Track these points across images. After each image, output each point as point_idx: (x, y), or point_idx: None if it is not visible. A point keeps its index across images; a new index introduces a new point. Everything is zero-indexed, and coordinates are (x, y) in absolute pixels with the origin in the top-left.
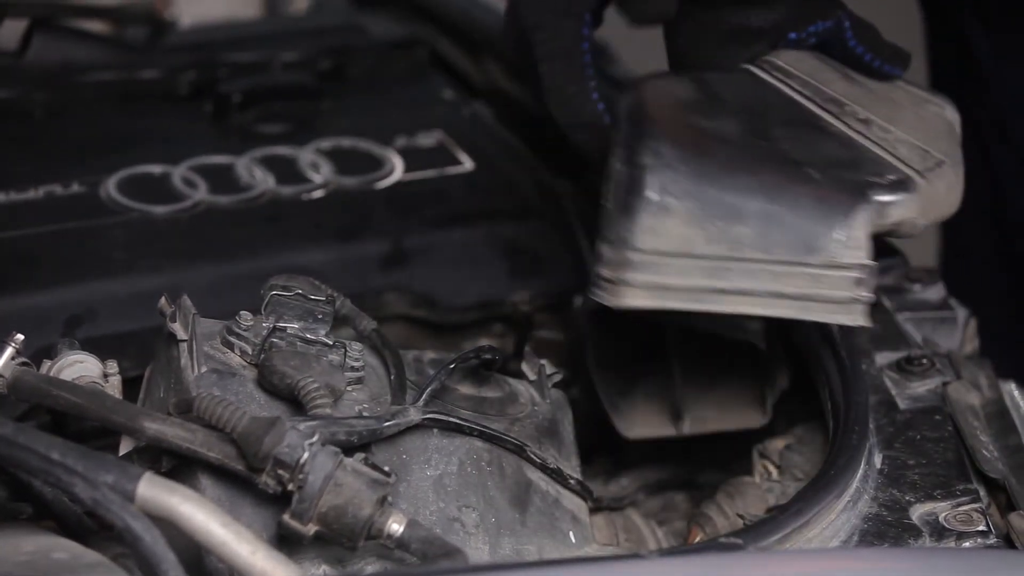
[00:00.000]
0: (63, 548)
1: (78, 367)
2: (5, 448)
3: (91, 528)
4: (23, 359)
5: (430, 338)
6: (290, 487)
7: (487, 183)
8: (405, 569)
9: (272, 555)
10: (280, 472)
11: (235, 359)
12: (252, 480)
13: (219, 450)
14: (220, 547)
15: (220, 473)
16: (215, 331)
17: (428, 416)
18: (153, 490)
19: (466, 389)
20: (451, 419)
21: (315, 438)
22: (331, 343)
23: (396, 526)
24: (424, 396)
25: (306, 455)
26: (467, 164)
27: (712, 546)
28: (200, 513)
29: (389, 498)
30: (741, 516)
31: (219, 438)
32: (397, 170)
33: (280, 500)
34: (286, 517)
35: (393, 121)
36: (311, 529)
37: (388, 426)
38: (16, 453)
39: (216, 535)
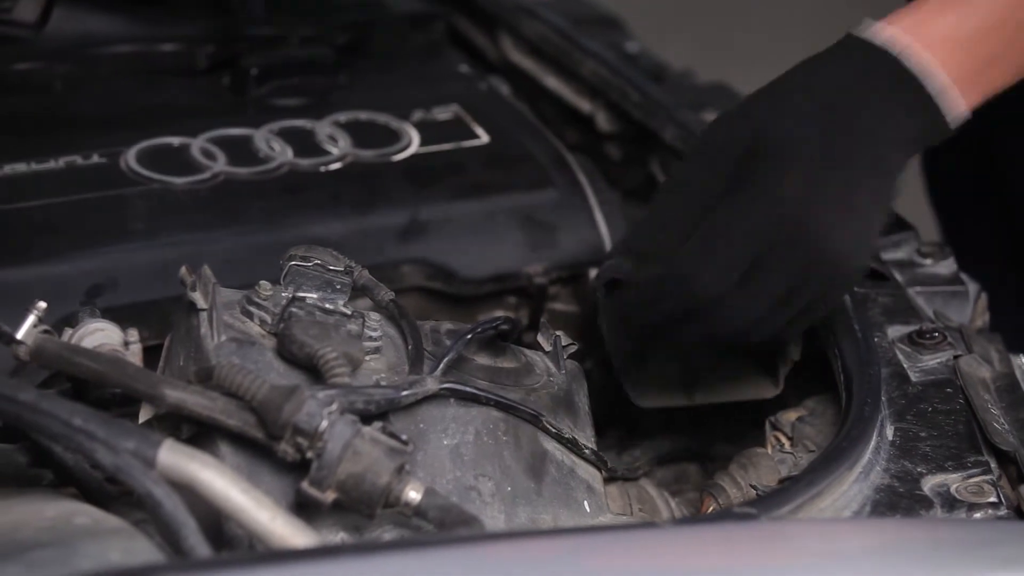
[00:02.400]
0: (85, 513)
1: (99, 335)
2: (28, 414)
3: (112, 494)
4: (45, 327)
5: (446, 309)
6: (309, 455)
7: (503, 156)
8: (422, 536)
9: (291, 521)
10: (299, 440)
11: (254, 328)
12: (271, 448)
13: (239, 418)
14: (239, 513)
15: (240, 441)
16: (234, 301)
17: (445, 386)
18: (174, 456)
19: (482, 360)
20: (468, 388)
21: (334, 406)
22: (349, 313)
23: (414, 494)
24: (441, 366)
25: (325, 423)
26: (483, 137)
27: (726, 516)
28: (220, 479)
29: (407, 466)
30: (754, 487)
31: (239, 406)
32: (414, 143)
33: (299, 468)
34: (305, 484)
35: (410, 95)
36: (329, 496)
37: (406, 395)
38: (38, 419)
39: (235, 501)
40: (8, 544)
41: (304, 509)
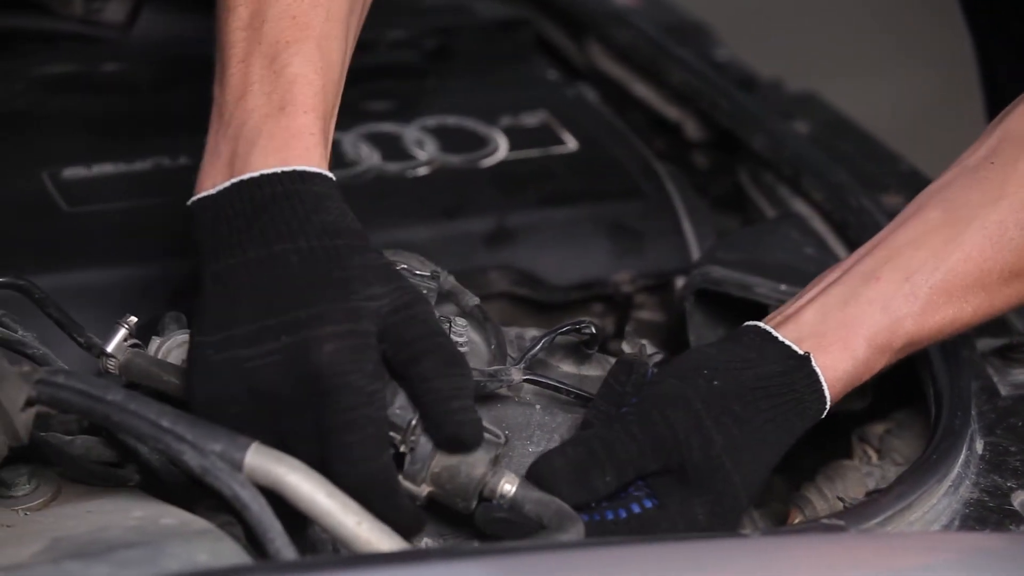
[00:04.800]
0: (171, 515)
1: (186, 349)
2: (116, 414)
3: (197, 496)
4: (135, 341)
5: (532, 316)
6: (402, 448)
7: (591, 163)
8: (506, 544)
9: (377, 526)
10: (392, 434)
11: None
12: None
13: None
14: (325, 517)
15: None
16: None
17: (528, 377)
18: (261, 459)
19: (567, 367)
20: (551, 380)
21: None
22: (437, 317)
23: (508, 486)
24: (525, 359)
25: (416, 416)
26: (571, 144)
27: (814, 527)
28: (306, 483)
29: (500, 457)
30: (841, 499)
31: None
32: (502, 149)
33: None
34: (400, 478)
35: (498, 100)
36: (424, 490)
37: (490, 381)
38: (127, 419)
39: (322, 505)
40: (96, 543)
41: None
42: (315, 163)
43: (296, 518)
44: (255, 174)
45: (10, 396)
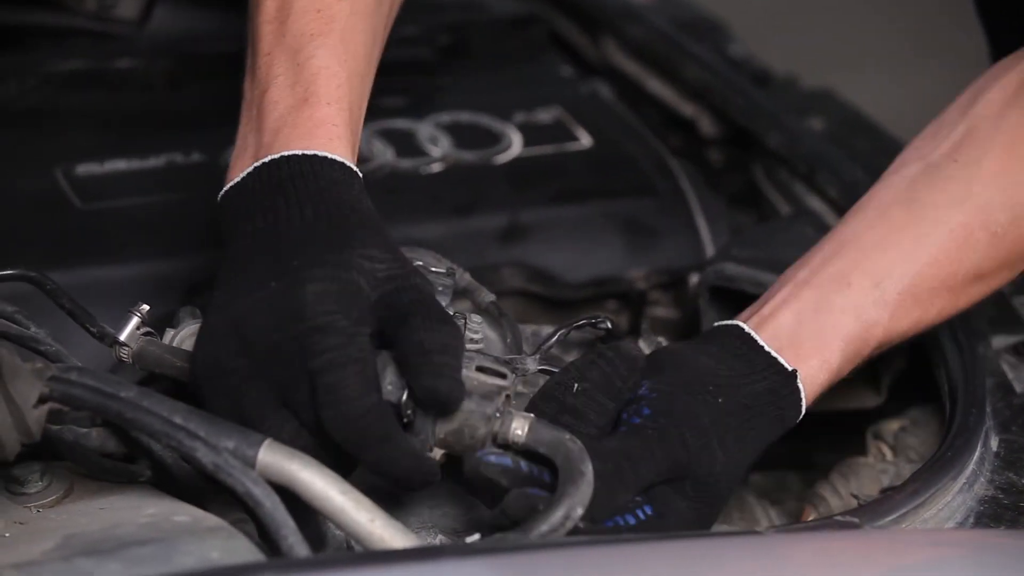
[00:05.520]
0: (184, 511)
1: None
2: (129, 411)
3: (209, 493)
4: (147, 329)
5: (545, 313)
6: (404, 420)
7: (605, 160)
8: (518, 539)
9: (391, 523)
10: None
11: None
12: None
13: None
14: (339, 514)
15: None
16: None
17: (543, 367)
18: (273, 456)
19: None
20: None
21: None
22: (451, 314)
23: (519, 432)
24: (540, 350)
25: (406, 393)
26: (585, 141)
27: (828, 524)
28: (319, 480)
29: (511, 398)
30: (855, 496)
31: None
32: (515, 145)
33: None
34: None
35: (511, 97)
36: (437, 454)
37: (515, 382)
38: (139, 416)
39: (335, 502)
40: (108, 540)
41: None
42: (338, 152)
43: (307, 514)
44: (276, 156)
45: (23, 393)
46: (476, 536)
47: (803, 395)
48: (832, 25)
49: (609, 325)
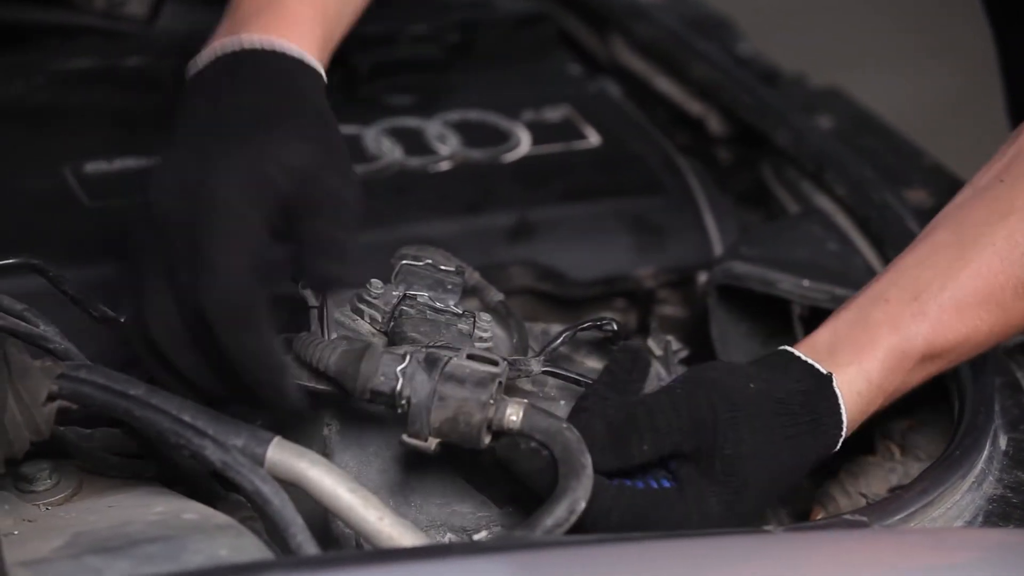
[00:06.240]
0: (193, 509)
1: None
2: (138, 409)
3: (218, 491)
4: None
5: (555, 312)
6: (399, 411)
7: (613, 158)
8: (526, 537)
9: (399, 521)
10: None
11: (364, 326)
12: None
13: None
14: (347, 512)
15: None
16: (345, 298)
17: (547, 368)
18: (282, 454)
19: (591, 362)
20: (570, 373)
21: (406, 362)
22: (460, 312)
23: (514, 418)
24: (546, 350)
25: (400, 383)
26: (593, 139)
27: (837, 523)
28: (328, 478)
29: (503, 384)
30: (864, 495)
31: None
32: (524, 144)
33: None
34: (405, 436)
35: (520, 95)
36: (432, 443)
37: (507, 370)
38: (148, 414)
39: (344, 500)
40: (117, 538)
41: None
42: (300, 46)
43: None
44: (234, 43)
45: (32, 390)
46: (484, 533)
47: (842, 404)
48: (840, 24)
49: (615, 327)
